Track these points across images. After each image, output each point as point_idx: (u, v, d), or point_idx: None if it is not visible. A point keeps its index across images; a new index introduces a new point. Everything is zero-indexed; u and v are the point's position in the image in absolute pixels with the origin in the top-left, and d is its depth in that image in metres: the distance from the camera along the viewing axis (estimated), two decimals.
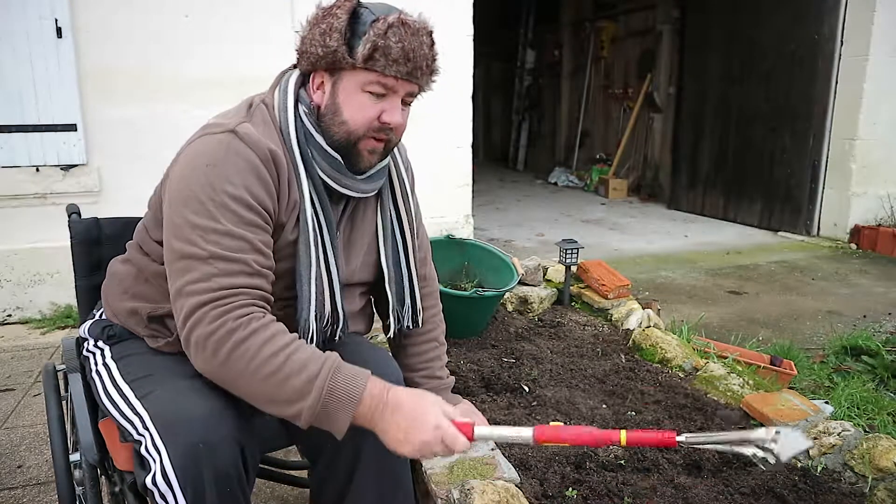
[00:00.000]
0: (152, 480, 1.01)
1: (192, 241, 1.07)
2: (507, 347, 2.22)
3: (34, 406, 2.49)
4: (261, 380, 1.02)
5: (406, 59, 1.11)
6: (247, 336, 1.03)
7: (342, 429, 1.03)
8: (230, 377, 1.05)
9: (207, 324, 1.04)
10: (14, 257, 3.42)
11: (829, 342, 3.17)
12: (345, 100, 1.16)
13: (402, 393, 1.05)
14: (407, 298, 1.39)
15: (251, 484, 1.11)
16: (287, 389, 1.02)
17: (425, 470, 1.40)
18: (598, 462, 1.54)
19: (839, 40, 5.23)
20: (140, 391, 1.13)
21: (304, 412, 1.02)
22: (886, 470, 1.47)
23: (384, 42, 1.09)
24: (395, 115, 1.16)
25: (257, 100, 1.23)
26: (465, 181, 4.26)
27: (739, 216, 6.26)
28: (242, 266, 1.07)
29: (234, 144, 1.11)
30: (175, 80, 3.51)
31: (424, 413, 1.03)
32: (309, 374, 1.02)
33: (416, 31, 1.12)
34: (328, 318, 1.23)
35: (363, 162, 1.19)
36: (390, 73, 1.12)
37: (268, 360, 1.02)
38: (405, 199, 1.37)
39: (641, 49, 7.81)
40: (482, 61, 6.96)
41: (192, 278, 1.06)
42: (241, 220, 1.09)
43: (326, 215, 1.21)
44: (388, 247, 1.35)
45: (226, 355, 1.03)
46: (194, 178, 1.10)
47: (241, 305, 1.05)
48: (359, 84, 1.14)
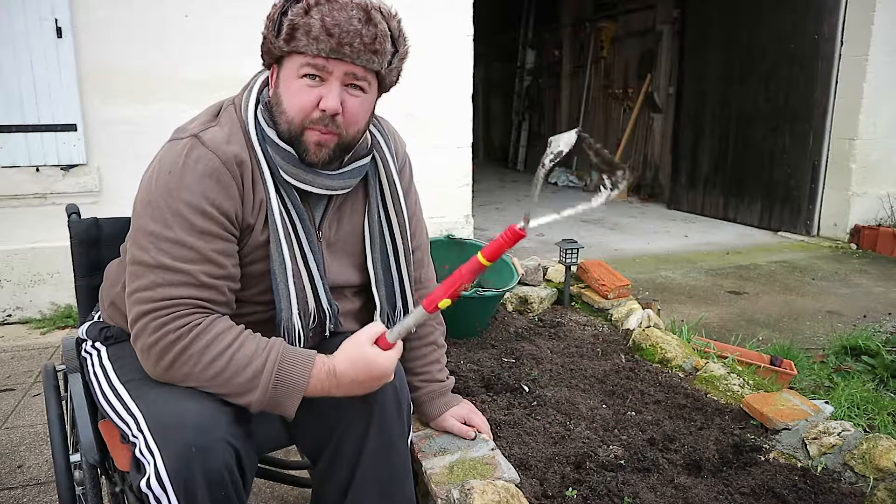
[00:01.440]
0: (146, 484, 1.00)
1: (144, 247, 1.09)
2: (507, 347, 2.22)
3: (34, 406, 2.49)
4: (207, 381, 1.07)
5: (328, 34, 1.08)
6: (187, 345, 1.06)
7: (291, 414, 1.09)
8: (178, 380, 1.09)
9: (149, 335, 1.07)
10: (14, 257, 3.42)
11: (829, 342, 3.17)
12: (284, 88, 1.15)
13: (345, 365, 1.11)
14: (398, 303, 1.37)
15: (248, 486, 1.11)
16: (234, 386, 1.07)
17: (425, 470, 1.40)
18: (598, 462, 1.54)
19: (839, 40, 5.23)
20: (135, 392, 1.13)
21: (253, 404, 1.07)
22: (886, 470, 1.47)
23: (305, 20, 1.08)
24: (329, 100, 1.11)
25: (227, 102, 1.23)
26: (465, 181, 4.25)
27: (739, 216, 6.26)
28: (187, 277, 1.08)
29: (195, 150, 1.11)
30: (175, 80, 3.51)
31: (372, 372, 1.11)
32: (254, 369, 1.07)
33: (343, 6, 1.09)
34: (313, 316, 1.23)
35: (311, 154, 1.15)
36: (313, 52, 1.09)
37: (211, 363, 1.06)
38: (395, 201, 1.34)
39: (641, 49, 7.80)
40: (482, 61, 6.96)
41: (140, 285, 1.09)
42: (194, 228, 1.09)
43: (298, 212, 1.20)
44: (375, 250, 1.33)
45: (169, 363, 1.07)
46: (155, 184, 1.11)
47: (180, 316, 1.07)
48: (294, 69, 1.12)
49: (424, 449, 1.46)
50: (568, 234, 3.24)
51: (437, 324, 1.53)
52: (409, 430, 1.33)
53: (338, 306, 1.28)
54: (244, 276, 1.19)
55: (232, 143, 1.14)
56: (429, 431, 1.52)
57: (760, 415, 1.75)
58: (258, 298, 1.22)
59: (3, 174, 3.33)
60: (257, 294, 1.21)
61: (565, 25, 9.35)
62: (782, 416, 1.71)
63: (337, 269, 1.30)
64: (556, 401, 1.84)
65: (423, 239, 1.48)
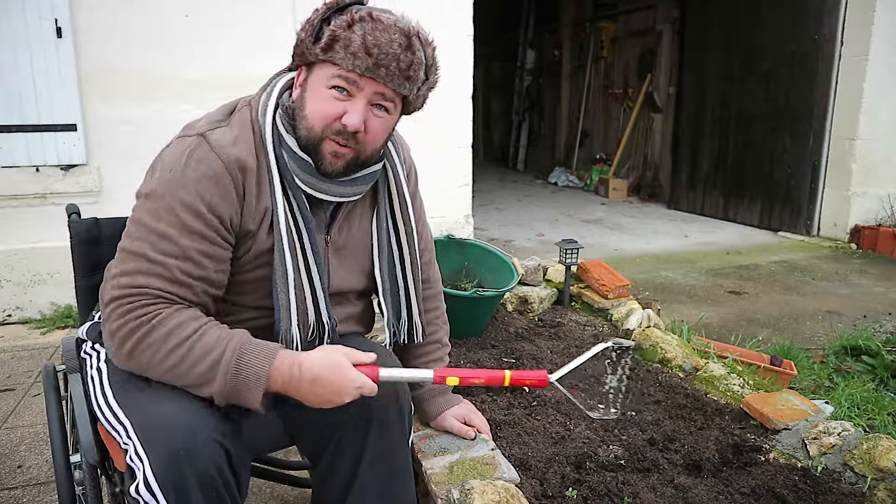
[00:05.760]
0: (136, 490, 1.00)
1: (132, 235, 1.11)
2: (507, 347, 2.22)
3: (34, 406, 2.49)
4: (166, 370, 1.07)
5: (367, 52, 1.07)
6: (148, 331, 1.06)
7: (256, 406, 1.07)
8: (139, 369, 1.09)
9: (114, 320, 1.08)
10: (14, 257, 3.42)
11: (829, 342, 3.17)
12: (311, 94, 1.14)
13: (314, 365, 1.08)
14: (403, 312, 1.36)
15: (244, 485, 1.10)
16: (193, 376, 1.06)
17: (425, 470, 1.40)
18: (598, 462, 1.54)
19: (839, 41, 5.23)
20: (125, 397, 1.12)
21: (214, 395, 1.06)
22: (886, 470, 1.47)
23: (346, 34, 1.08)
24: (353, 117, 1.11)
25: (243, 102, 1.22)
26: (465, 181, 4.26)
27: (739, 216, 6.26)
28: (162, 269, 1.08)
29: (199, 150, 1.11)
30: (175, 80, 3.51)
31: (343, 379, 1.08)
32: (213, 359, 1.06)
33: (387, 28, 1.09)
34: (313, 328, 1.22)
35: (326, 165, 1.15)
36: (348, 66, 1.09)
37: (171, 351, 1.06)
38: (403, 209, 1.34)
39: (641, 49, 7.81)
40: (482, 61, 6.96)
41: (117, 271, 1.10)
42: (184, 226, 1.09)
43: (306, 221, 1.19)
44: (382, 257, 1.33)
45: (130, 350, 1.07)
46: (158, 178, 1.12)
47: (144, 305, 1.07)
48: (325, 78, 1.12)
49: (424, 449, 1.46)
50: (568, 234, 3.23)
51: (442, 322, 1.53)
52: (410, 432, 1.33)
53: (336, 320, 1.27)
54: (245, 283, 1.19)
55: (238, 146, 1.14)
56: (429, 431, 1.52)
57: (760, 415, 1.75)
58: (260, 303, 1.21)
59: (3, 174, 3.33)
60: (259, 299, 1.21)
61: (565, 25, 9.35)
62: (782, 416, 1.71)
63: (343, 275, 1.30)
64: (556, 401, 1.84)
65: (429, 242, 1.49)
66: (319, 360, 1.08)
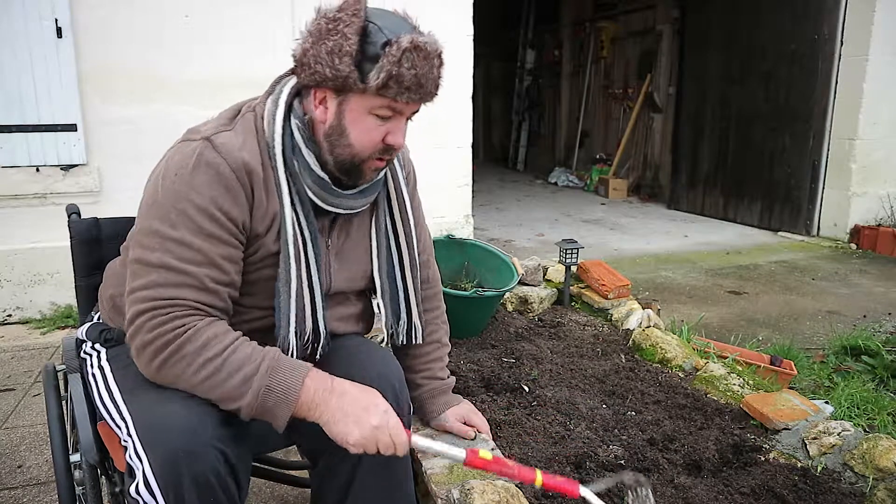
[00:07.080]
0: (136, 489, 1.00)
1: (148, 246, 1.09)
2: (507, 347, 2.22)
3: (34, 406, 2.50)
4: (198, 383, 1.06)
5: (419, 85, 1.10)
6: (182, 344, 1.05)
7: (280, 424, 1.06)
8: (169, 381, 1.08)
9: (145, 333, 1.06)
10: (14, 257, 3.42)
11: (829, 342, 3.17)
12: (352, 122, 1.13)
13: (346, 383, 1.09)
14: (402, 314, 1.37)
15: (244, 489, 1.10)
16: (224, 390, 1.05)
17: (425, 470, 1.40)
18: (598, 462, 1.54)
19: (839, 40, 5.23)
20: (127, 396, 1.13)
21: (243, 410, 1.05)
22: (886, 470, 1.47)
23: (398, 70, 1.06)
24: (398, 137, 1.16)
25: (246, 106, 1.21)
26: (465, 181, 4.26)
27: (739, 216, 6.26)
28: (188, 279, 1.07)
29: (207, 154, 1.10)
30: (175, 81, 3.52)
31: (374, 398, 1.08)
32: (245, 374, 1.05)
33: (429, 55, 1.09)
34: (309, 336, 1.22)
35: (365, 179, 1.21)
36: (403, 100, 1.10)
37: (203, 365, 1.05)
38: (402, 211, 1.35)
39: (641, 49, 7.81)
40: (482, 61, 6.96)
41: (139, 284, 1.08)
42: (202, 230, 1.08)
43: (311, 230, 1.19)
44: (381, 260, 1.33)
45: (161, 363, 1.06)
46: (163, 184, 1.11)
47: (178, 316, 1.06)
48: (367, 107, 1.12)
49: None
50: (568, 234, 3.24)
51: (442, 322, 1.53)
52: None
53: (329, 331, 1.27)
54: (251, 283, 1.19)
55: (244, 151, 1.13)
56: (429, 431, 1.52)
57: (760, 415, 1.75)
58: (264, 304, 1.21)
59: (3, 174, 3.33)
60: (263, 299, 1.21)
61: (565, 25, 9.35)
62: (782, 416, 1.71)
63: (343, 277, 1.30)
64: (556, 401, 1.84)
65: (427, 242, 1.49)
66: (354, 383, 1.10)
